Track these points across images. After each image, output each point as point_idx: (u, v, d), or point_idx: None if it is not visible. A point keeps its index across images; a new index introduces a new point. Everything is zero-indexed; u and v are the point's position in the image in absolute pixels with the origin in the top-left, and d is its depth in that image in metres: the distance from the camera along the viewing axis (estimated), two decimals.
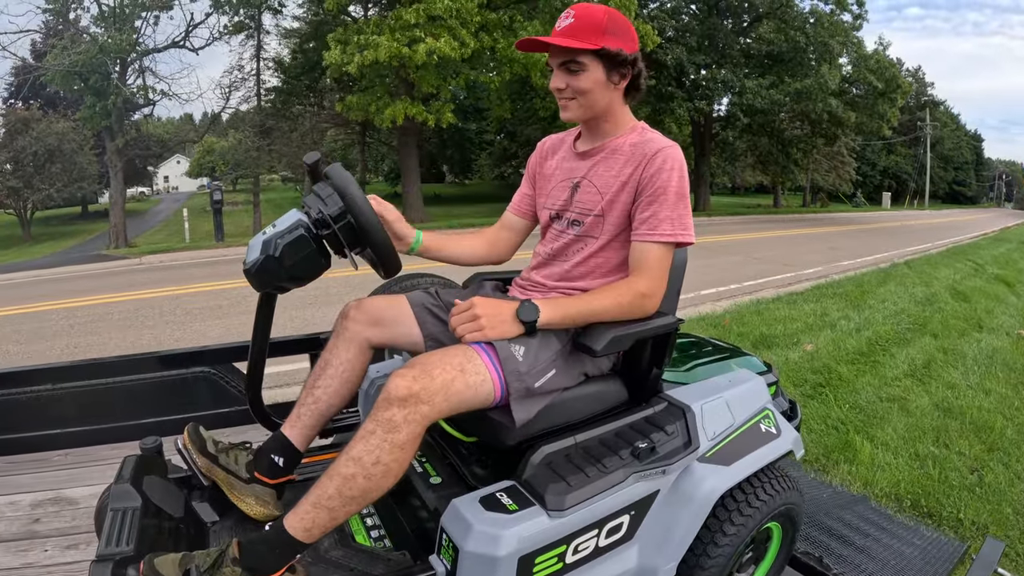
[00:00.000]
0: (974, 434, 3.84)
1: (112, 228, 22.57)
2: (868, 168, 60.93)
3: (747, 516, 1.76)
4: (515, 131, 34.94)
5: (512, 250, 2.16)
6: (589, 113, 1.79)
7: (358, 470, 1.44)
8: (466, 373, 1.52)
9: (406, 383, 1.44)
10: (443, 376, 1.48)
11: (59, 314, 7.74)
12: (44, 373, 2.96)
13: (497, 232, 2.14)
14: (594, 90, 1.73)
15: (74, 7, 20.98)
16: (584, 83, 1.72)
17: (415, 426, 1.44)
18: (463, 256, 2.06)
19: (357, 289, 7.09)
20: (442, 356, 1.54)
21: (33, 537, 2.41)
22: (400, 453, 1.45)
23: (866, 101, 28.50)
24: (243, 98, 26.00)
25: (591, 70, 1.71)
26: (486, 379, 1.54)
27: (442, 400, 1.47)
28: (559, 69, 1.74)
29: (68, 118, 28.82)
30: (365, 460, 1.44)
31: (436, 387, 1.46)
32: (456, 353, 1.56)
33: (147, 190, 58.83)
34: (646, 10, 26.16)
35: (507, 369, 1.56)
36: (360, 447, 1.44)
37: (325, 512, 1.46)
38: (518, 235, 2.15)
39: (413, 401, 1.43)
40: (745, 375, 2.06)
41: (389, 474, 1.46)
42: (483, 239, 2.12)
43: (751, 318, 6.77)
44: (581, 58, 1.69)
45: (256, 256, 1.56)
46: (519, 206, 2.12)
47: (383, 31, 16.60)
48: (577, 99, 1.75)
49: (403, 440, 1.44)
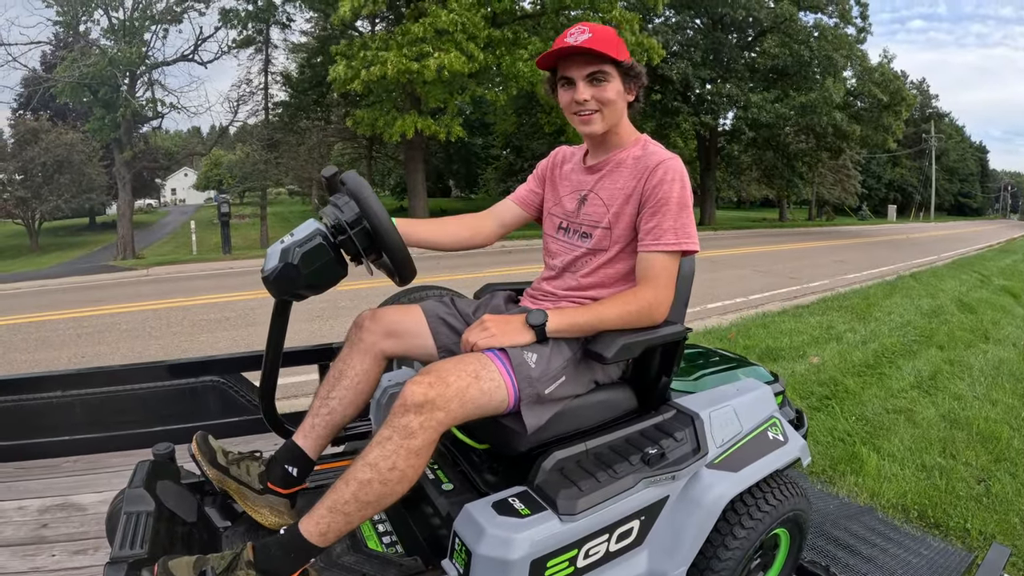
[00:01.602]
0: (981, 444, 3.84)
1: (120, 239, 22.72)
2: (873, 181, 60.98)
3: (756, 521, 1.77)
4: (521, 146, 35.01)
5: (495, 239, 2.16)
6: (610, 123, 1.83)
7: (374, 475, 1.46)
8: (480, 380, 1.55)
9: (422, 390, 1.46)
10: (458, 383, 1.51)
11: (66, 323, 7.79)
12: (54, 380, 2.99)
13: (483, 219, 2.14)
14: (617, 101, 1.79)
15: (85, 20, 21.24)
16: (609, 93, 1.77)
17: (431, 432, 1.47)
18: (443, 241, 2.04)
19: (365, 301, 7.12)
20: (457, 363, 1.57)
21: (41, 542, 2.42)
22: (416, 459, 1.47)
23: (871, 114, 28.60)
24: (251, 112, 26.41)
25: (614, 81, 1.77)
26: (500, 385, 1.57)
27: (457, 406, 1.49)
28: (583, 81, 1.77)
29: (77, 129, 29.03)
30: (381, 465, 1.46)
31: (451, 394, 1.49)
32: (470, 360, 1.59)
33: (155, 202, 59.06)
34: (651, 25, 26.28)
35: (519, 375, 1.59)
36: (376, 453, 1.47)
37: (341, 517, 1.49)
38: (509, 226, 2.16)
39: (429, 408, 1.46)
40: (752, 384, 2.08)
41: (404, 479, 1.48)
42: (464, 225, 2.11)
43: (757, 331, 6.77)
44: (607, 68, 1.75)
45: (275, 264, 1.59)
46: (525, 199, 2.14)
47: (390, 46, 16.71)
48: (602, 111, 1.80)
49: (419, 446, 1.46)
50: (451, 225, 2.09)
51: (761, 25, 27.23)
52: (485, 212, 2.17)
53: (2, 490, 2.79)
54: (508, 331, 1.65)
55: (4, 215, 31.19)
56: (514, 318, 1.69)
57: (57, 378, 3.00)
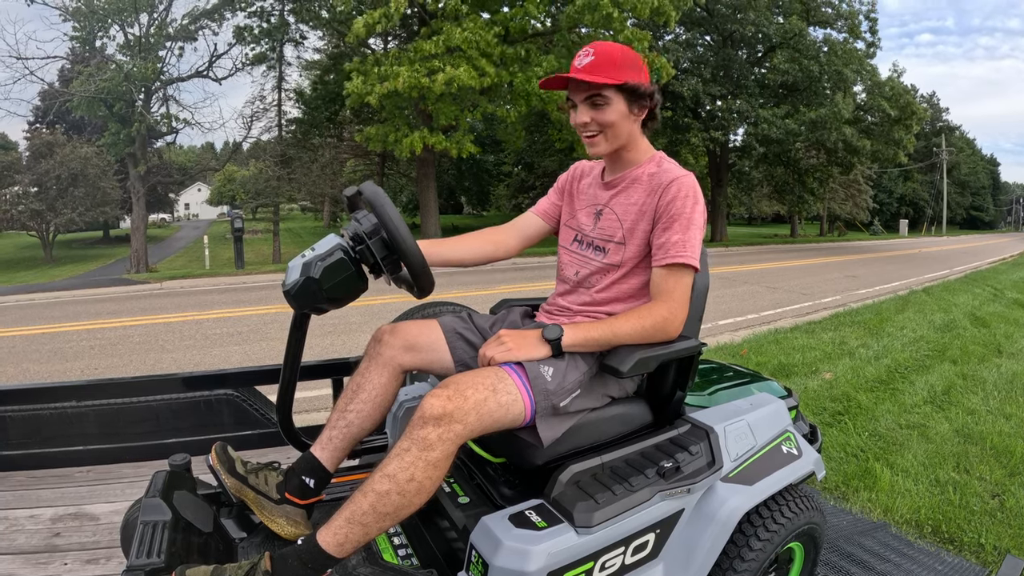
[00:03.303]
0: (995, 459, 3.81)
1: (133, 253, 22.93)
2: (885, 196, 60.82)
3: (770, 534, 1.78)
4: (532, 163, 35.14)
5: (517, 251, 2.19)
6: (615, 145, 1.86)
7: (392, 487, 1.48)
8: (498, 393, 1.57)
9: (440, 403, 1.49)
10: (476, 396, 1.53)
11: (79, 335, 7.85)
12: (69, 390, 3.01)
13: (506, 232, 2.17)
14: (618, 122, 1.81)
15: (101, 35, 21.58)
16: (609, 116, 1.80)
17: (449, 445, 1.49)
18: (467, 258, 2.08)
19: (377, 318, 7.15)
20: (474, 377, 1.59)
21: (53, 551, 2.44)
22: (434, 471, 1.49)
23: (881, 128, 28.49)
24: (264, 128, 26.60)
25: (615, 103, 1.79)
26: (517, 399, 1.59)
27: (475, 419, 1.52)
28: (583, 104, 1.82)
29: (92, 143, 29.33)
30: (400, 477, 1.48)
31: (469, 406, 1.51)
32: (488, 374, 1.61)
33: (168, 216, 59.51)
34: (661, 42, 26.39)
35: (536, 388, 1.61)
36: (395, 464, 1.49)
37: (359, 528, 1.50)
38: (531, 239, 2.19)
39: (447, 420, 1.48)
40: (766, 398, 2.10)
41: (422, 491, 1.50)
42: (486, 239, 2.14)
43: (769, 347, 6.75)
44: (606, 92, 1.78)
45: (296, 277, 1.62)
46: (547, 211, 2.17)
47: (402, 62, 16.85)
48: (603, 133, 1.83)
49: (437, 458, 1.48)
50: (474, 241, 2.12)
51: (770, 41, 27.25)
52: (507, 225, 2.20)
53: (15, 499, 2.82)
54: (524, 345, 1.67)
55: (19, 227, 31.46)
56: (530, 333, 1.72)
57: (72, 388, 3.02)
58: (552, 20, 20.16)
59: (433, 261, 1.89)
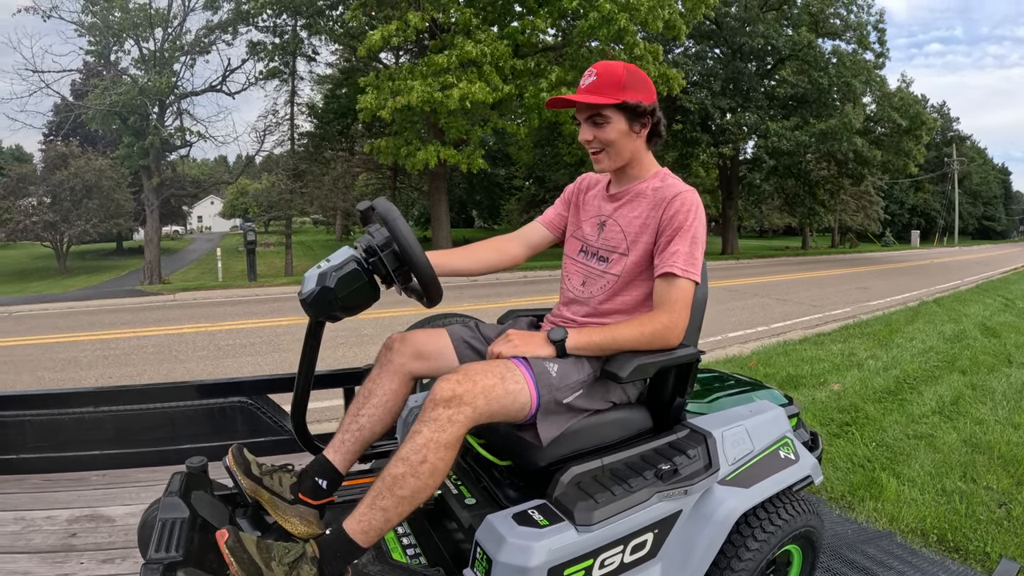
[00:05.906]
0: (1002, 468, 3.82)
1: (147, 264, 23.15)
2: (896, 207, 60.52)
3: (768, 534, 1.83)
4: (543, 176, 35.19)
5: (523, 260, 2.26)
6: (619, 161, 1.94)
7: (407, 469, 1.55)
8: (506, 381, 1.65)
9: (451, 386, 1.57)
10: (484, 381, 1.61)
11: (94, 345, 7.97)
12: (86, 396, 3.09)
13: (511, 241, 2.25)
14: (619, 140, 1.89)
15: (116, 50, 21.88)
16: (609, 134, 1.88)
17: (459, 427, 1.56)
18: (474, 267, 2.15)
19: (388, 331, 7.20)
20: (485, 365, 1.68)
21: (70, 550, 2.50)
22: (445, 452, 1.56)
23: (891, 139, 28.38)
24: (277, 142, 26.88)
25: (615, 122, 1.87)
26: (523, 388, 1.66)
27: (483, 403, 1.59)
28: (586, 123, 1.91)
29: (106, 156, 29.60)
30: (413, 459, 1.55)
31: (478, 390, 1.59)
32: (497, 364, 1.69)
33: (181, 229, 59.92)
34: (671, 55, 26.44)
35: (541, 382, 1.69)
36: (408, 447, 1.56)
37: (379, 513, 1.57)
38: (536, 247, 2.27)
39: (457, 402, 1.56)
40: (765, 405, 2.15)
41: (435, 473, 1.57)
42: (492, 248, 2.22)
43: (778, 359, 6.77)
44: (605, 112, 1.86)
45: (312, 287, 1.70)
46: (552, 221, 2.25)
47: (415, 77, 16.98)
48: (606, 150, 1.91)
49: (447, 439, 1.55)
50: (480, 251, 2.19)
51: (780, 53, 27.27)
52: (513, 234, 2.28)
53: (32, 500, 2.88)
54: (531, 343, 1.76)
55: (33, 238, 31.75)
56: (536, 334, 1.81)
57: (89, 394, 3.10)
58: (563, 34, 20.29)
59: (442, 272, 1.94)
